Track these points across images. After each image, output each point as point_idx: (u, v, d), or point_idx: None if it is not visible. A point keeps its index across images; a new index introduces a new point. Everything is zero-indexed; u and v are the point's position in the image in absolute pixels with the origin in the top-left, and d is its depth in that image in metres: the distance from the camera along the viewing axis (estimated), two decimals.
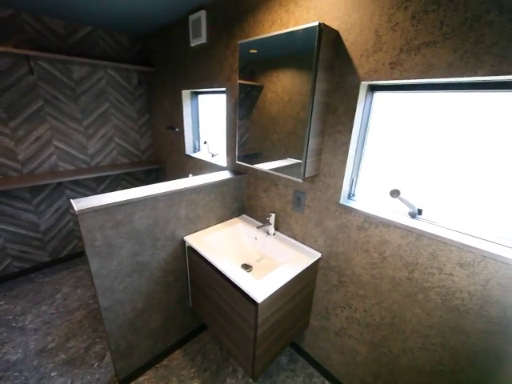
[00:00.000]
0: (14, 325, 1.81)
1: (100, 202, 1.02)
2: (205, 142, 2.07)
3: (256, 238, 1.53)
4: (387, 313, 1.13)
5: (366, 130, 1.14)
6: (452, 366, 0.97)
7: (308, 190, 1.32)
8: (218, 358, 1.65)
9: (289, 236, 1.49)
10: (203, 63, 1.78)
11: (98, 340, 1.73)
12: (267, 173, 1.52)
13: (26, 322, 1.83)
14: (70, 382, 1.47)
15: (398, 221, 1.00)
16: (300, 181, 1.17)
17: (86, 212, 0.98)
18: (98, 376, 1.51)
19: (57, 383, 1.46)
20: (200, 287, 1.43)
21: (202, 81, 1.82)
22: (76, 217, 0.97)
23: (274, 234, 1.50)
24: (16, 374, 1.50)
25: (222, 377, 1.54)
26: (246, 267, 1.39)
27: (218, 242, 1.47)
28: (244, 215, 1.75)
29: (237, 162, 1.48)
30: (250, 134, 1.40)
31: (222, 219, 1.62)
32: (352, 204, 1.17)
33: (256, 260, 1.46)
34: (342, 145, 1.12)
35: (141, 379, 1.50)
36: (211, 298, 1.34)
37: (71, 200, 1.03)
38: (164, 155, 2.58)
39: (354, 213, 1.15)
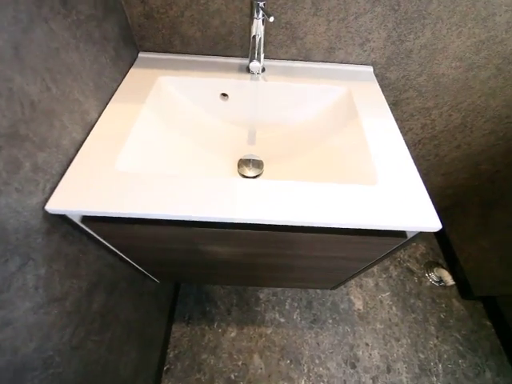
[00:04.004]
0: None
1: None
2: None
3: (226, 96, 0.63)
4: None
5: None
6: None
7: None
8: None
9: (296, 58, 0.66)
10: None
11: None
12: None
13: None
14: None
15: None
16: None
17: None
18: None
19: None
20: (171, 262, 0.61)
21: None
22: None
23: (263, 71, 0.63)
24: None
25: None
26: (251, 166, 0.61)
27: (144, 157, 0.50)
28: (143, 54, 0.65)
29: None
30: None
31: (104, 93, 0.52)
32: None
33: (250, 142, 0.66)
34: None
35: None
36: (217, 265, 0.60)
37: None
38: None
39: None
